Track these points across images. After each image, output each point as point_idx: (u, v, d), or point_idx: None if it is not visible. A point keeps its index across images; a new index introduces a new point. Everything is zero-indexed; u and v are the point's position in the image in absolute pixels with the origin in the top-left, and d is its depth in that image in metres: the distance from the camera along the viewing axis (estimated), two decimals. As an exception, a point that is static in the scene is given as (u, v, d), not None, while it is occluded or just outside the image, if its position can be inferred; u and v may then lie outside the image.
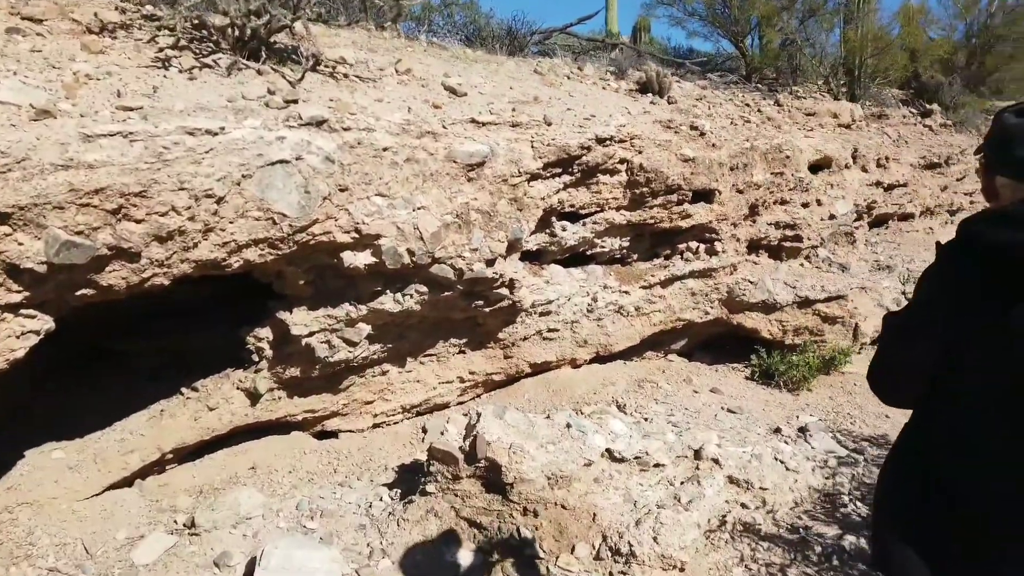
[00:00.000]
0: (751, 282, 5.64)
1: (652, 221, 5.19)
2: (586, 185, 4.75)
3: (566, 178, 4.58)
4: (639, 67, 9.04)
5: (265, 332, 3.77)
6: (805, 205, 6.42)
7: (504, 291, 4.36)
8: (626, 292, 5.22)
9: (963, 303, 1.29)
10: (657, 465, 3.69)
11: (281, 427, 4.24)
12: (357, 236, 3.51)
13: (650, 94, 6.57)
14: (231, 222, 3.06)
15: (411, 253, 3.68)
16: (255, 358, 3.84)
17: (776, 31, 11.08)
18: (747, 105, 7.61)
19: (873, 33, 11.03)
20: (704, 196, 5.41)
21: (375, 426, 4.58)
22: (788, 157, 6.18)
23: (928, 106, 11.95)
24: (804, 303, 5.70)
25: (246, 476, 3.92)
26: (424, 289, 3.94)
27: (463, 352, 4.77)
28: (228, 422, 3.89)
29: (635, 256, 5.43)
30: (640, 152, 4.88)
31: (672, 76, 7.38)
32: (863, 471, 4.15)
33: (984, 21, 13.29)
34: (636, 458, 3.66)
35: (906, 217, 8.59)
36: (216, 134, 3.01)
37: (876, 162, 7.96)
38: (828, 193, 6.75)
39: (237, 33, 3.83)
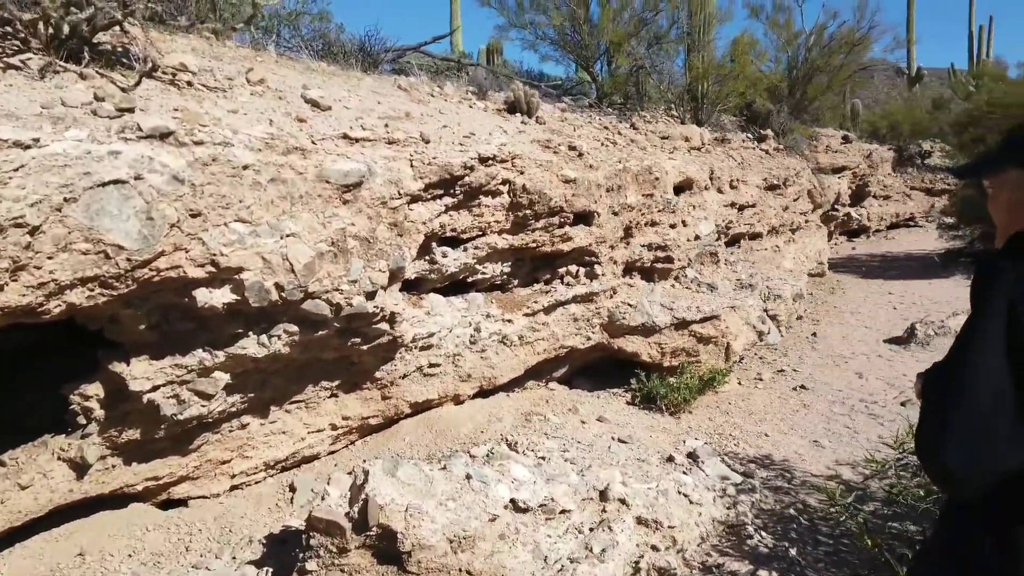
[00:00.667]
0: (631, 305, 5.54)
1: (534, 245, 4.94)
2: (468, 208, 4.41)
3: (448, 200, 4.21)
4: (499, 88, 8.88)
5: (95, 389, 3.08)
6: (673, 226, 6.46)
7: (384, 326, 3.91)
8: (509, 321, 4.93)
9: None
10: (564, 511, 3.39)
11: (116, 500, 3.51)
12: (214, 270, 2.94)
13: (519, 114, 6.37)
14: (50, 257, 2.42)
15: (280, 288, 3.16)
16: (82, 420, 3.12)
17: (625, 57, 11.39)
18: (606, 128, 7.64)
19: (715, 62, 11.64)
20: (584, 218, 5.25)
21: (233, 488, 3.94)
22: (657, 179, 6.19)
23: (762, 131, 12.79)
24: (681, 324, 5.68)
25: (72, 567, 3.17)
26: (294, 329, 3.41)
27: (335, 396, 4.24)
28: (47, 501, 3.13)
29: (516, 282, 5.16)
30: (522, 173, 4.62)
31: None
32: (760, 497, 4.09)
33: (804, 54, 14.52)
34: (542, 506, 3.34)
35: (755, 236, 9.01)
36: (28, 147, 2.37)
37: (729, 184, 8.26)
38: (692, 214, 6.86)
39: (52, 30, 3.15)
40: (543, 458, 4.00)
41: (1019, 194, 1.31)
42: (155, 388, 3.11)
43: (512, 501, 3.24)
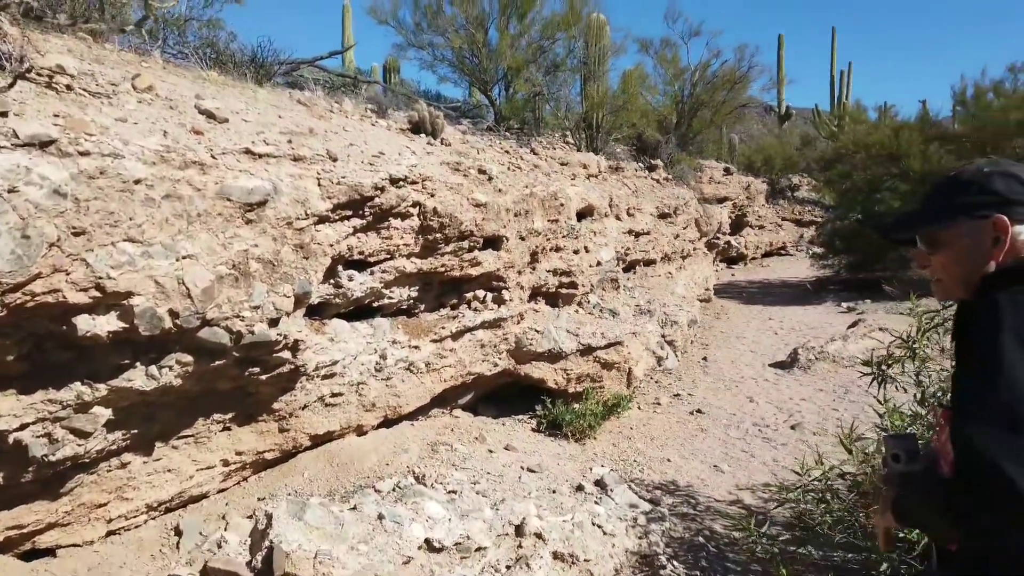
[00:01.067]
0: (538, 331, 5.51)
1: (443, 269, 4.82)
2: (377, 230, 4.23)
3: (356, 222, 4.02)
4: (398, 106, 8.74)
5: (-53, 429, 2.67)
6: (576, 252, 6.52)
7: (287, 354, 3.66)
8: (416, 347, 4.76)
9: None
10: (480, 549, 3.26)
11: (-32, 554, 3.06)
12: (99, 295, 2.63)
13: (424, 135, 6.25)
14: (-102, 280, 2.07)
15: (175, 315, 2.87)
16: (-71, 467, 2.71)
17: (524, 83, 11.53)
18: (507, 152, 7.65)
19: (609, 93, 11.99)
20: (493, 243, 5.18)
21: (110, 534, 3.54)
22: (562, 204, 6.23)
23: (652, 161, 13.27)
24: (587, 350, 5.70)
25: (-90, 638, 2.73)
26: (189, 359, 3.11)
27: (228, 429, 3.92)
28: None
29: (422, 307, 5.00)
30: (432, 195, 4.50)
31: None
32: (669, 526, 4.11)
33: (690, 90, 15.27)
34: (457, 544, 3.20)
35: (650, 263, 9.27)
36: None
37: (627, 211, 8.47)
38: (594, 240, 6.95)
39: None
40: (454, 492, 3.85)
41: (974, 240, 1.35)
42: (23, 427, 2.74)
43: (427, 541, 3.08)
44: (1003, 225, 1.32)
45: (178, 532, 3.66)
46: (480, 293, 5.28)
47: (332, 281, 4.16)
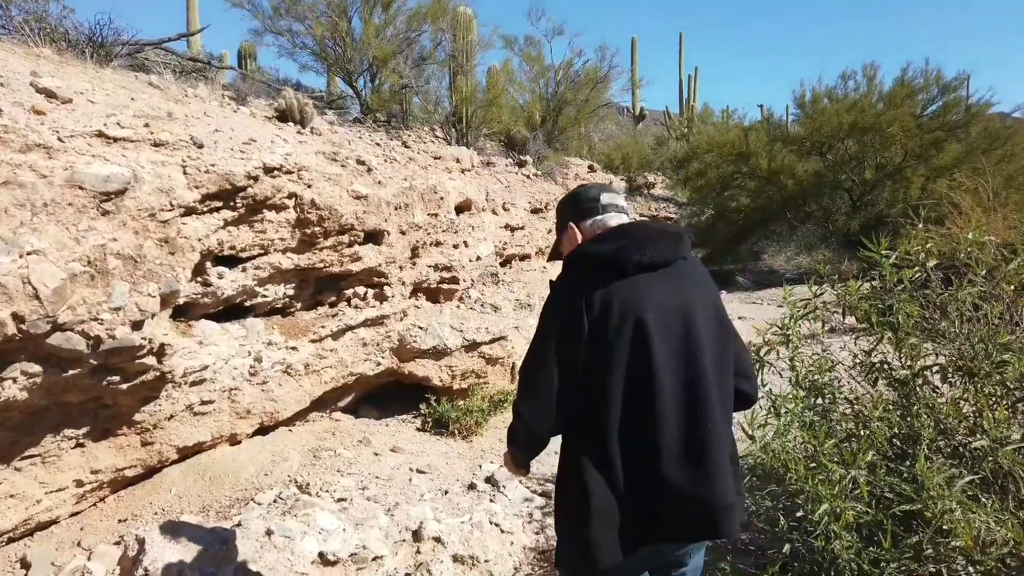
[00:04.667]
0: (422, 328, 5.35)
1: (322, 265, 4.55)
2: (250, 223, 3.92)
3: (227, 214, 3.70)
4: (257, 94, 8.25)
5: None
6: (456, 247, 6.41)
7: (151, 360, 3.30)
8: (294, 348, 4.47)
9: (593, 317, 1.68)
10: (377, 558, 3.08)
11: None
12: (-79, 297, 2.23)
13: (292, 124, 5.91)
14: None
15: (19, 319, 2.49)
16: None
17: (391, 73, 11.26)
18: (379, 145, 7.41)
19: (478, 87, 11.95)
20: (374, 237, 4.97)
21: (-63, 576, 3.05)
22: (442, 198, 6.10)
23: (521, 157, 13.38)
24: (471, 346, 5.61)
25: None
26: (36, 369, 2.72)
27: (82, 445, 3.49)
28: None
29: (299, 305, 4.71)
30: (310, 186, 4.23)
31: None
32: (564, 517, 4.10)
33: (555, 88, 15.54)
34: (352, 555, 3.01)
35: (525, 257, 9.32)
36: None
37: (502, 206, 8.46)
38: (473, 235, 6.87)
39: None
40: (343, 499, 3.63)
41: (570, 234, 1.96)
42: None
43: (321, 555, 2.87)
44: (572, 231, 1.95)
45: (25, 564, 3.22)
46: (361, 290, 5.05)
47: (200, 279, 3.81)
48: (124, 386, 3.31)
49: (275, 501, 3.73)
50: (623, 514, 1.65)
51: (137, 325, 3.02)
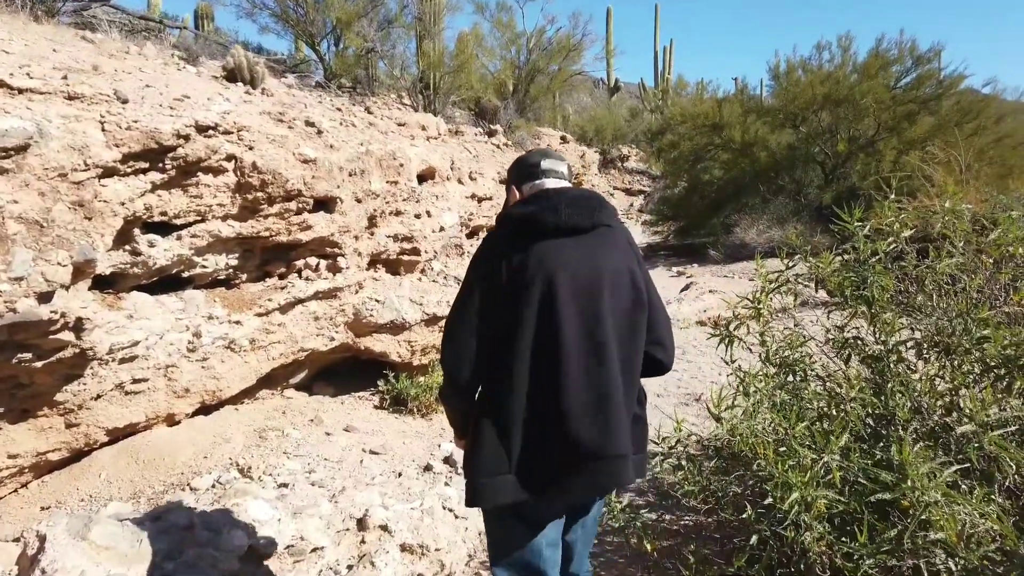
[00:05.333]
0: (378, 301, 5.09)
1: (267, 233, 4.26)
2: (183, 187, 3.61)
3: (156, 176, 3.39)
4: (212, 55, 7.83)
5: None
6: (418, 216, 6.12)
7: (68, 335, 3.00)
8: (238, 323, 4.18)
9: (509, 274, 1.77)
10: (316, 550, 2.85)
11: None
12: None
13: (241, 84, 5.56)
14: None
15: None
16: None
17: (355, 36, 10.83)
18: (339, 110, 7.06)
19: (446, 52, 11.56)
20: (325, 205, 4.67)
21: None
22: (402, 165, 5.80)
23: (491, 127, 13.05)
24: (431, 320, 5.36)
25: None
26: (-78, 347, 2.42)
27: (-3, 429, 3.20)
28: None
29: (244, 276, 4.42)
30: (251, 148, 3.92)
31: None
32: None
33: (527, 55, 15.19)
34: (289, 547, 2.77)
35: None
36: None
37: (469, 175, 8.15)
38: (436, 204, 6.58)
39: None
40: (285, 485, 3.40)
41: (510, 196, 2.06)
42: None
43: (251, 549, 2.63)
44: (512, 193, 2.04)
45: (-73, 563, 2.93)
46: (312, 260, 4.77)
47: (128, 247, 3.50)
48: (39, 364, 3.03)
49: (213, 486, 3.48)
50: (519, 461, 1.76)
51: (45, 297, 2.72)
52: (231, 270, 4.29)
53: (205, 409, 4.23)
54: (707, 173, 15.24)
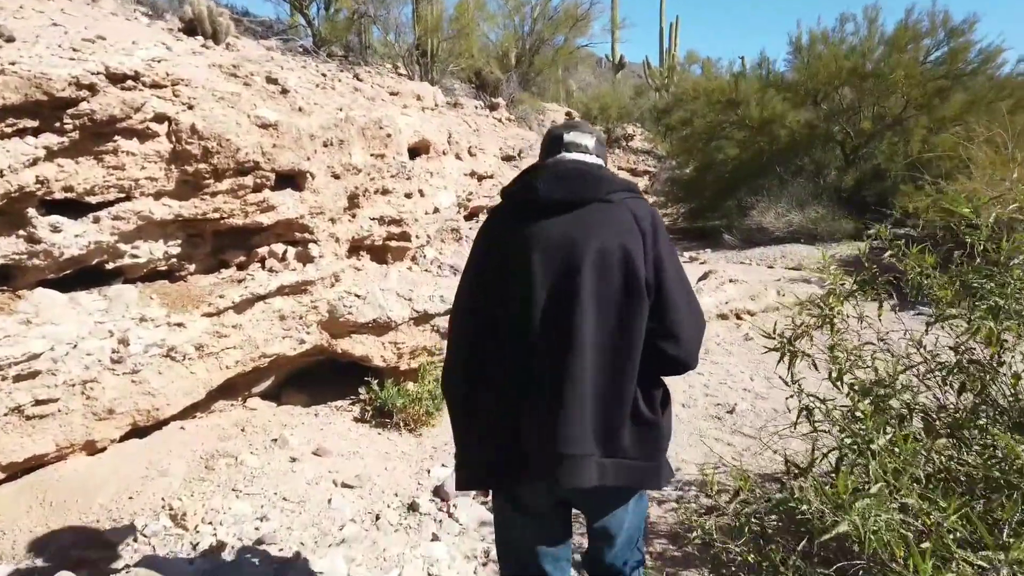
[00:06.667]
0: (359, 296, 4.28)
1: (217, 215, 3.45)
2: (96, 155, 2.79)
3: (52, 139, 2.57)
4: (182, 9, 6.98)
5: None
6: (409, 196, 5.31)
7: (-83, 355, 2.20)
8: (180, 325, 3.38)
9: (491, 251, 1.72)
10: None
11: None
12: None
13: (201, 37, 4.72)
14: None
15: None
16: None
17: (346, -1, 9.96)
18: (324, 75, 6.22)
19: (444, 16, 10.67)
20: (292, 180, 3.86)
21: None
22: (389, 136, 4.97)
23: (494, 100, 12.17)
24: (422, 318, 4.56)
25: None
26: None
27: None
28: None
29: (192, 267, 3.61)
30: (191, 107, 3.10)
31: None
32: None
33: (531, 25, 14.24)
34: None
35: (494, 210, 8.22)
36: None
37: (468, 151, 7.33)
38: (430, 182, 5.76)
39: None
40: (219, 543, 2.61)
41: None
42: None
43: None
44: None
45: None
46: (279, 248, 3.96)
47: (24, 232, 2.70)
48: None
49: (133, 539, 2.71)
50: (489, 449, 1.68)
51: None
52: (174, 260, 3.48)
53: (138, 431, 3.44)
54: (721, 152, 14.35)
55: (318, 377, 4.73)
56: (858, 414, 2.70)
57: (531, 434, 1.61)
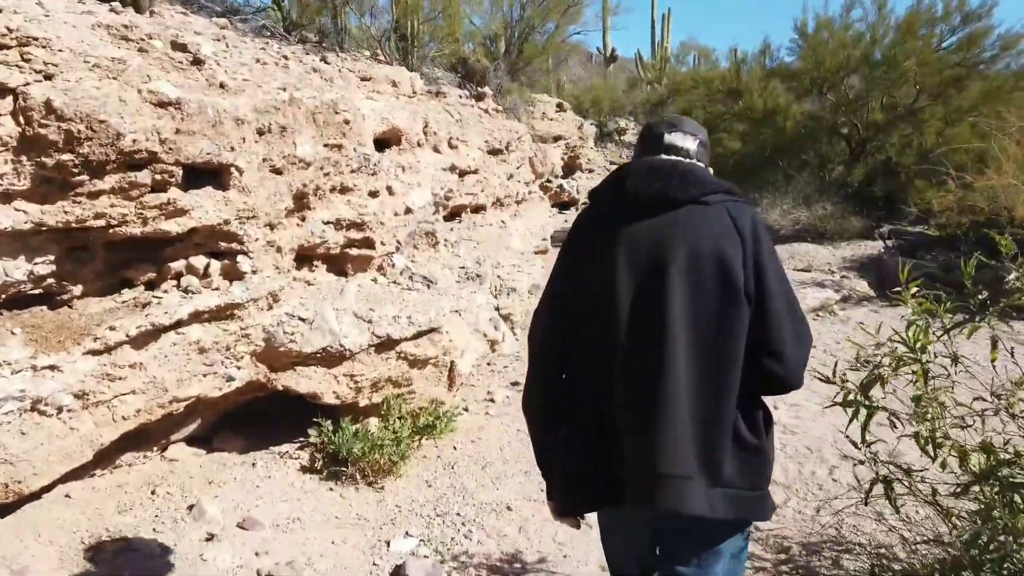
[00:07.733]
0: (303, 319, 3.45)
1: (103, 223, 2.61)
2: None
3: None
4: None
5: None
6: (374, 194, 4.48)
7: None
8: (52, 368, 2.55)
9: (577, 257, 1.61)
10: None
11: None
12: None
13: (118, 3, 3.87)
14: None
15: None
16: None
17: (319, -25, 9.11)
18: (285, 57, 5.38)
19: (424, -5, 9.84)
20: (213, 176, 3.02)
21: None
22: (348, 123, 4.14)
23: (480, 89, 11.34)
24: (385, 344, 3.73)
25: None
26: None
27: None
28: None
29: (77, 290, 2.78)
30: (50, 77, 2.26)
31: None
32: None
33: (520, 11, 13.42)
34: None
35: (479, 209, 7.37)
36: None
37: (448, 142, 6.49)
38: (401, 178, 4.93)
39: None
40: None
41: None
42: None
43: None
44: None
45: None
46: (199, 262, 3.13)
47: None
48: None
49: None
50: (584, 473, 1.54)
51: None
52: (50, 281, 2.65)
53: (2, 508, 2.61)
54: (721, 146, 13.59)
55: (261, 414, 3.90)
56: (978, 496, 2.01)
57: (625, 457, 1.47)
